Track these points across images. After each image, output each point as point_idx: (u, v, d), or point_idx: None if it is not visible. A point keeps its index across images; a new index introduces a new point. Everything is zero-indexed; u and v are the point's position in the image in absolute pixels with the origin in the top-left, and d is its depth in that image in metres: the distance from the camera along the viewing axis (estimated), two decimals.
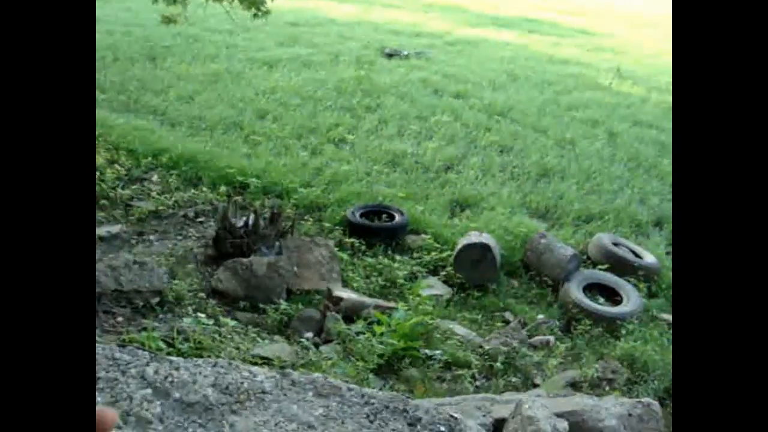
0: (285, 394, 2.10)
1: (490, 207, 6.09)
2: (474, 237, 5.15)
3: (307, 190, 5.90)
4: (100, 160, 6.03)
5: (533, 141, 7.89)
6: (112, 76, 8.52)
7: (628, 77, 11.02)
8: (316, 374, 2.25)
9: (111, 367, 2.14)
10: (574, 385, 3.98)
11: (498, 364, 4.01)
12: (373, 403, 2.13)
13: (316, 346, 3.86)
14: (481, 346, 4.17)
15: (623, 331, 4.58)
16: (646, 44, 14.39)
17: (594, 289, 5.20)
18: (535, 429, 2.28)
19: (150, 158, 6.29)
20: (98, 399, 2.00)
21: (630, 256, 5.46)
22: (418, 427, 2.08)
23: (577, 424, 2.64)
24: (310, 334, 3.94)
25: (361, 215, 5.49)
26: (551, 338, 4.50)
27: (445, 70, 10.52)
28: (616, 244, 5.56)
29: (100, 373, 2.11)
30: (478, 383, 3.88)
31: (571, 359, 4.35)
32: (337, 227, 5.45)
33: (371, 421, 2.07)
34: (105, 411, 0.55)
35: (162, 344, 3.54)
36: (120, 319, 4.16)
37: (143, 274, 4.43)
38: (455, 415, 2.15)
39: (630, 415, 2.88)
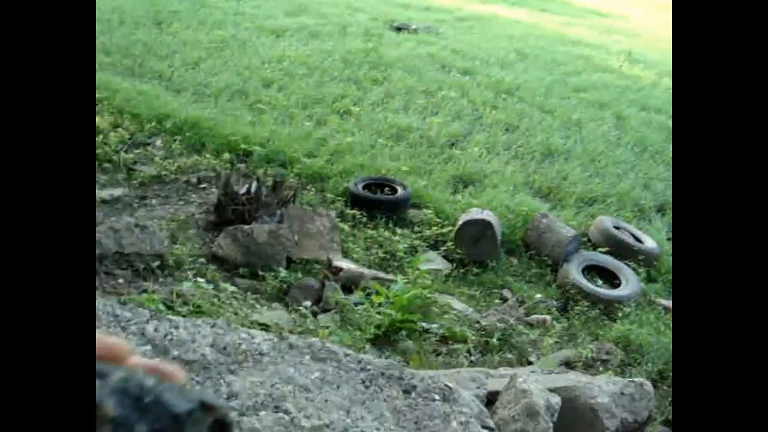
0: (282, 357, 2.12)
1: (493, 185, 6.08)
2: (475, 213, 5.15)
3: (310, 160, 5.89)
4: (103, 123, 6.02)
5: (539, 121, 7.84)
6: (117, 40, 8.45)
7: (640, 61, 10.92)
8: (314, 339, 2.27)
9: (112, 323, 2.15)
10: (568, 365, 4.01)
11: (494, 340, 4.04)
12: (369, 370, 2.15)
13: (314, 314, 3.88)
14: (478, 322, 4.19)
15: (620, 314, 4.60)
16: (660, 28, 14.22)
17: (593, 271, 5.22)
18: (528, 402, 2.31)
19: (154, 123, 6.27)
20: None
21: (631, 240, 5.46)
22: (413, 394, 2.10)
23: (570, 400, 2.66)
24: (308, 303, 3.96)
25: (364, 187, 5.49)
26: (548, 317, 4.53)
27: (453, 45, 10.42)
28: (617, 228, 5.56)
29: (101, 329, 2.12)
30: (473, 358, 3.91)
31: (567, 339, 4.38)
32: (339, 198, 5.45)
33: (366, 387, 2.09)
34: (113, 343, 0.54)
35: (162, 306, 3.56)
36: (121, 281, 4.19)
37: (144, 238, 4.44)
38: (450, 384, 2.17)
39: (623, 393, 2.91)
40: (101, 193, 5.21)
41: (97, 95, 6.47)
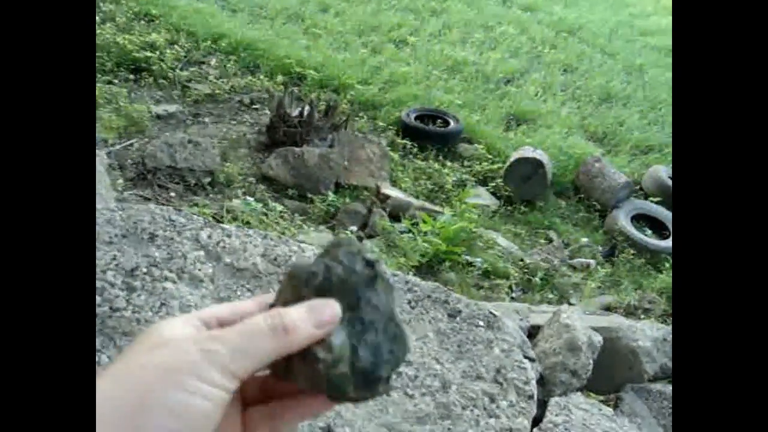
0: None
1: (547, 125, 5.94)
2: (527, 152, 5.06)
3: (363, 87, 5.83)
4: (160, 40, 6.03)
5: (600, 63, 7.57)
6: None
7: None
8: None
9: (168, 227, 2.21)
10: (609, 310, 3.99)
11: (536, 279, 4.03)
12: (416, 291, 2.17)
13: (360, 239, 3.92)
14: (521, 260, 4.18)
15: (666, 265, 4.52)
16: None
17: (642, 219, 5.12)
18: (570, 337, 2.31)
19: (209, 42, 6.26)
20: (156, 254, 2.08)
21: None
22: (458, 318, 2.12)
23: (611, 340, 2.65)
24: (354, 228, 4.00)
25: (416, 118, 5.42)
26: (592, 261, 4.48)
27: None
28: (672, 178, 5.41)
29: (158, 232, 2.18)
30: (514, 295, 3.92)
31: (609, 285, 4.34)
32: (390, 127, 5.41)
33: (412, 308, 2.11)
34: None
35: (212, 220, 3.64)
36: (173, 194, 4.28)
37: (197, 154, 4.51)
38: (494, 312, 2.18)
39: (665, 339, 2.88)
40: (156, 109, 5.28)
41: (154, 11, 6.48)
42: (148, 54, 5.70)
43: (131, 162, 4.47)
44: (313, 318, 0.52)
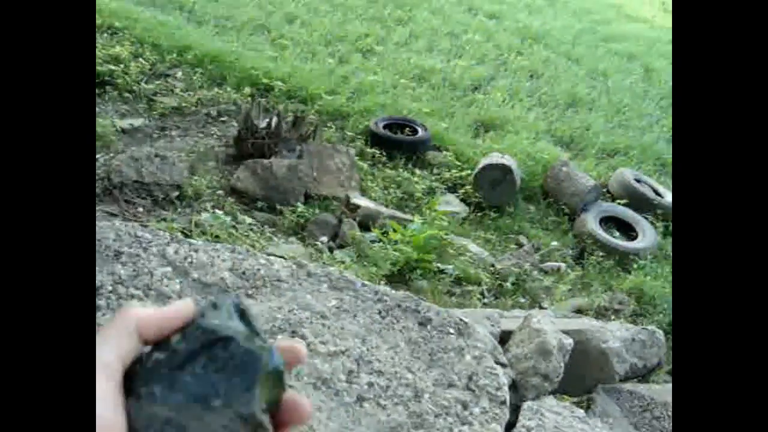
0: (300, 284, 2.14)
1: (515, 131, 6.01)
2: (496, 158, 5.11)
3: (331, 97, 5.83)
4: (124, 53, 5.96)
5: (565, 69, 7.69)
6: None
7: None
8: (332, 268, 2.28)
9: (134, 243, 2.18)
10: (580, 312, 4.03)
11: (508, 284, 4.06)
12: (385, 300, 2.17)
13: (330, 250, 3.91)
14: (492, 266, 4.20)
15: (635, 266, 4.59)
16: None
17: (610, 222, 5.19)
18: (541, 341, 2.33)
19: (175, 55, 6.20)
20: (121, 272, 2.05)
21: (651, 194, 5.41)
22: (428, 327, 2.12)
23: (581, 343, 2.68)
24: (324, 238, 3.99)
25: (384, 127, 5.44)
26: (563, 265, 4.53)
27: None
28: (638, 181, 5.50)
29: (123, 249, 2.15)
30: (486, 300, 3.94)
31: (580, 287, 4.39)
32: (359, 137, 5.42)
33: (383, 317, 2.11)
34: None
35: (180, 235, 3.60)
36: (140, 209, 4.22)
37: (164, 168, 4.46)
38: (465, 319, 2.19)
39: (634, 339, 2.92)
40: (122, 123, 5.21)
41: (118, 24, 6.40)
42: (112, 67, 5.63)
43: (97, 178, 4.40)
44: None
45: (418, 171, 5.15)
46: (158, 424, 0.47)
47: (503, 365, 2.19)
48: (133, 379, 0.48)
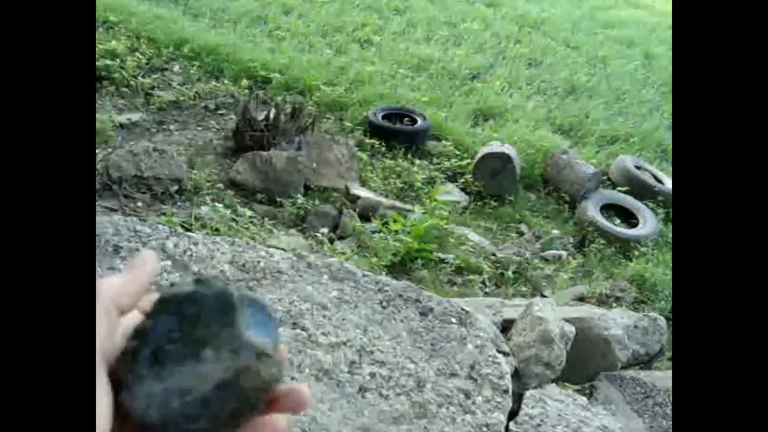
0: (300, 276, 2.13)
1: (514, 119, 5.99)
2: (495, 147, 5.09)
3: (329, 88, 5.81)
4: (120, 47, 5.93)
5: (564, 57, 7.65)
6: None
7: None
8: (332, 259, 2.27)
9: (133, 238, 2.17)
10: (582, 300, 4.03)
11: (509, 273, 4.05)
12: (386, 291, 2.16)
13: (331, 241, 3.90)
14: (493, 254, 4.20)
15: (636, 253, 4.58)
16: None
17: (611, 209, 5.18)
18: (543, 329, 2.32)
19: (171, 48, 6.18)
20: (121, 267, 2.04)
21: (651, 181, 5.39)
22: (430, 316, 2.12)
23: (583, 330, 2.68)
24: (325, 230, 3.98)
25: (383, 117, 5.42)
26: (564, 253, 4.52)
27: None
28: (638, 168, 5.48)
29: (122, 243, 2.14)
30: (487, 289, 3.93)
31: (582, 275, 4.38)
32: (358, 127, 5.40)
33: (384, 307, 2.11)
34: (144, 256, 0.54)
35: (180, 229, 3.59)
36: (140, 204, 4.22)
37: (163, 162, 4.45)
38: (467, 308, 2.18)
39: (636, 326, 2.92)
40: (119, 118, 5.20)
41: (113, 18, 6.37)
42: (109, 62, 5.61)
43: (95, 173, 4.39)
44: None
45: (417, 161, 5.13)
46: (158, 397, 0.46)
47: (505, 354, 2.18)
48: (119, 377, 0.47)
